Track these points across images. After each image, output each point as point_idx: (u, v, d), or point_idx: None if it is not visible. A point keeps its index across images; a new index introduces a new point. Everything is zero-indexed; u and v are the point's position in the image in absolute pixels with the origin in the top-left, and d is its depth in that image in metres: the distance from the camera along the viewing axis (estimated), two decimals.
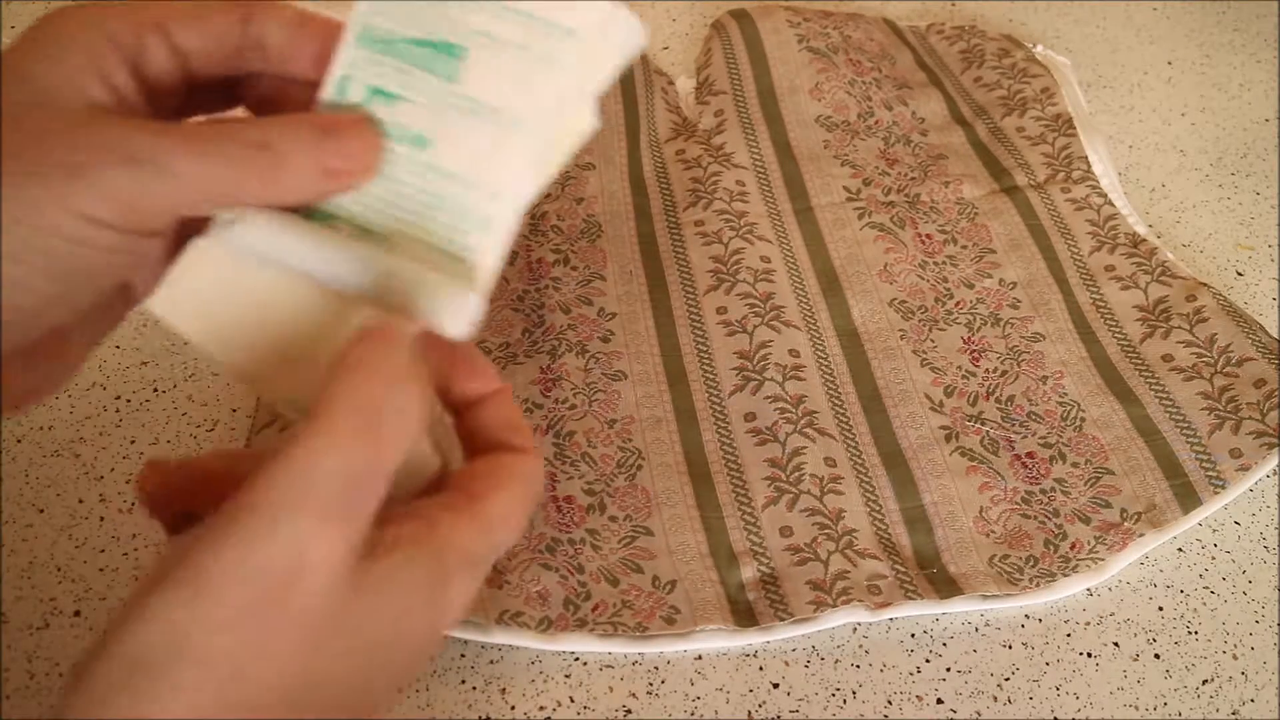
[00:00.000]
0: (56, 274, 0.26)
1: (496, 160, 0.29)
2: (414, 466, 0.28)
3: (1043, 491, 0.50)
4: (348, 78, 0.29)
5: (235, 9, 0.29)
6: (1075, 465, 0.51)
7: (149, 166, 0.25)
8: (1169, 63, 0.75)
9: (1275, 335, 0.56)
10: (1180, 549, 0.50)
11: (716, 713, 0.44)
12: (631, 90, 0.66)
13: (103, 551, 0.46)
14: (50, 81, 0.26)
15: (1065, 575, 0.48)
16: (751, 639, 0.45)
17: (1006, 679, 0.45)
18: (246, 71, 0.30)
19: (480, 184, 0.29)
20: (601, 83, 0.30)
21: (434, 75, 0.29)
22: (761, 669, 0.45)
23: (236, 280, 0.28)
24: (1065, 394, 0.54)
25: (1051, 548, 0.48)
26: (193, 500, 0.27)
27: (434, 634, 0.27)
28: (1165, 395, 0.53)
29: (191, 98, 0.30)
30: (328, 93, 0.29)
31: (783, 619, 0.45)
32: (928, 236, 0.61)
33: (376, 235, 0.29)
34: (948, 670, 0.45)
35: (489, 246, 0.29)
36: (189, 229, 0.29)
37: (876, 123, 0.66)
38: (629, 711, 0.43)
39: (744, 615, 0.46)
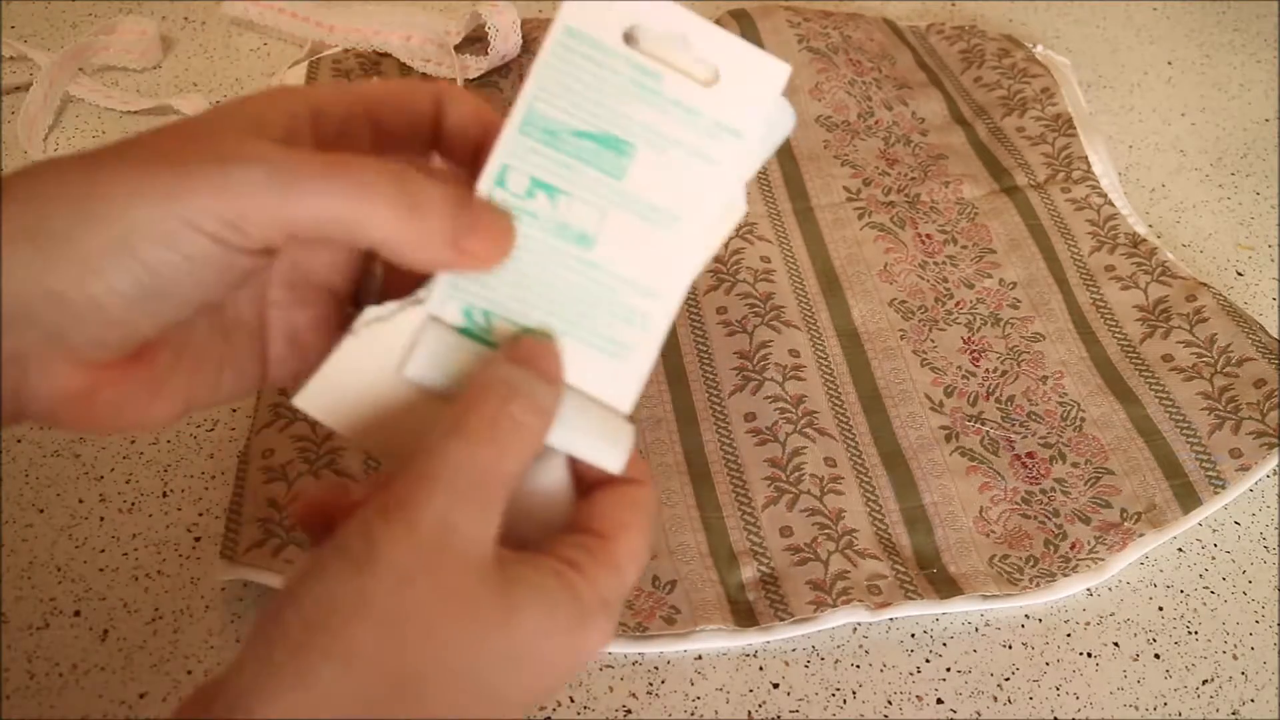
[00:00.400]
0: (143, 278, 0.25)
1: (657, 260, 0.29)
2: (555, 520, 0.28)
3: (1043, 491, 0.50)
4: (509, 167, 0.28)
5: (430, 93, 0.29)
6: (1075, 465, 0.51)
7: (267, 173, 0.24)
8: (1169, 63, 0.75)
9: (1275, 335, 0.56)
10: (1180, 549, 0.50)
11: (716, 713, 0.44)
12: None
13: (103, 551, 0.46)
14: (239, 112, 0.26)
15: (1065, 575, 0.48)
16: (751, 639, 0.45)
17: (1006, 679, 0.45)
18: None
19: (640, 283, 0.29)
20: (755, 170, 0.30)
21: (600, 172, 0.29)
22: (761, 669, 0.45)
23: (380, 381, 0.28)
24: (1065, 394, 0.54)
25: (1051, 548, 0.48)
26: (337, 517, 0.28)
27: (566, 669, 0.27)
28: (1165, 395, 0.53)
29: None
30: (486, 180, 0.28)
31: (783, 619, 0.45)
32: (928, 236, 0.61)
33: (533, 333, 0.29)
34: (948, 670, 0.45)
35: (646, 343, 0.29)
36: (299, 296, 0.29)
37: (876, 123, 0.66)
38: (629, 711, 0.43)
39: (744, 615, 0.46)
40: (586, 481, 0.29)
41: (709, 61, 0.29)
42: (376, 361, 0.28)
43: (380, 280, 0.31)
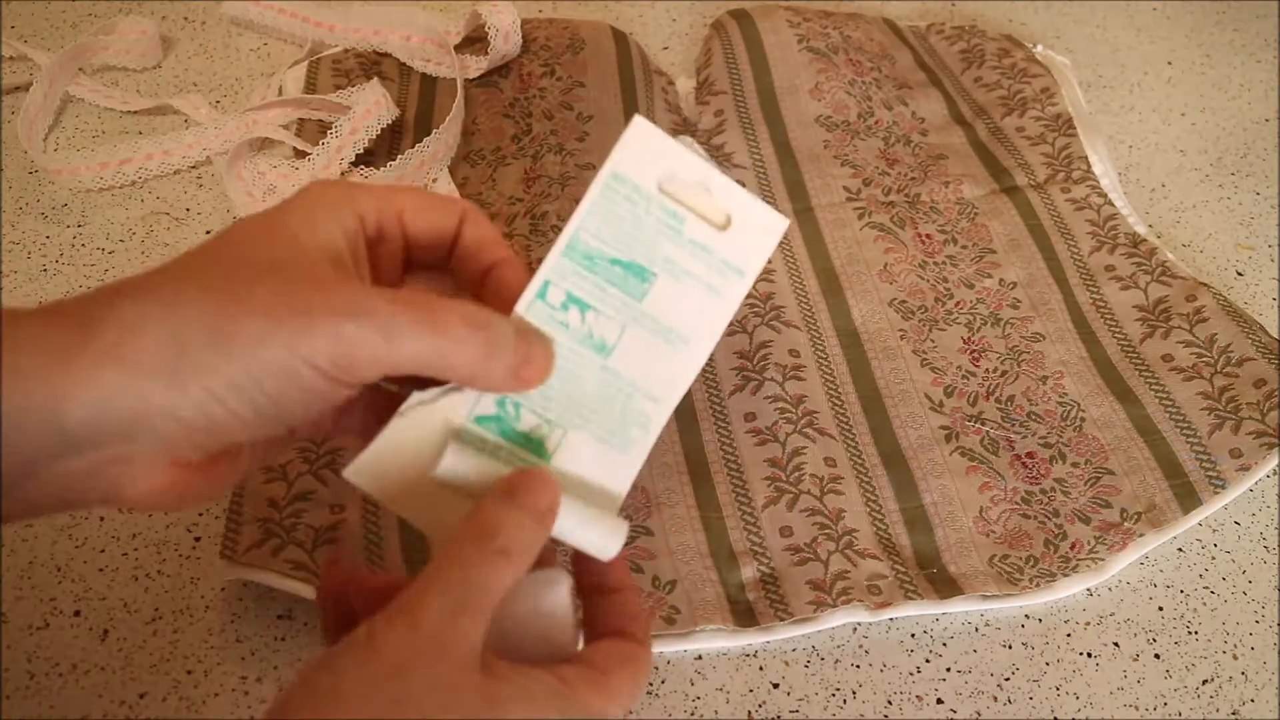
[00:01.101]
0: (261, 405, 0.29)
1: (662, 371, 0.34)
2: (557, 641, 0.32)
3: (1043, 491, 0.50)
4: (550, 282, 0.33)
5: (456, 211, 0.34)
6: (1075, 465, 0.51)
7: (374, 326, 0.29)
8: (1169, 63, 0.75)
9: (1275, 335, 0.56)
10: (1180, 549, 0.50)
11: (716, 713, 0.44)
12: (631, 90, 0.66)
13: (103, 551, 0.46)
14: (308, 241, 0.30)
15: (1065, 575, 0.48)
16: (751, 639, 0.45)
17: (1006, 679, 0.45)
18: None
19: (646, 389, 0.34)
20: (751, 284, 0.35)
21: (623, 293, 0.34)
22: (761, 669, 0.45)
23: (420, 460, 0.32)
24: (1065, 394, 0.54)
25: (1051, 548, 0.48)
26: (353, 601, 0.33)
27: None
28: (1165, 395, 0.53)
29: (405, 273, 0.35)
30: (530, 291, 0.33)
31: (783, 619, 0.45)
32: (928, 236, 0.61)
33: (546, 434, 0.34)
34: (948, 670, 0.45)
35: (645, 440, 0.34)
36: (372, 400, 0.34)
37: (876, 123, 0.66)
38: (630, 711, 0.43)
39: (744, 615, 0.46)
40: (596, 627, 0.34)
41: (724, 209, 0.34)
42: (419, 440, 0.32)
43: None
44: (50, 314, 0.28)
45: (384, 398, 0.34)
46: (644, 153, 0.33)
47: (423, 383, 0.33)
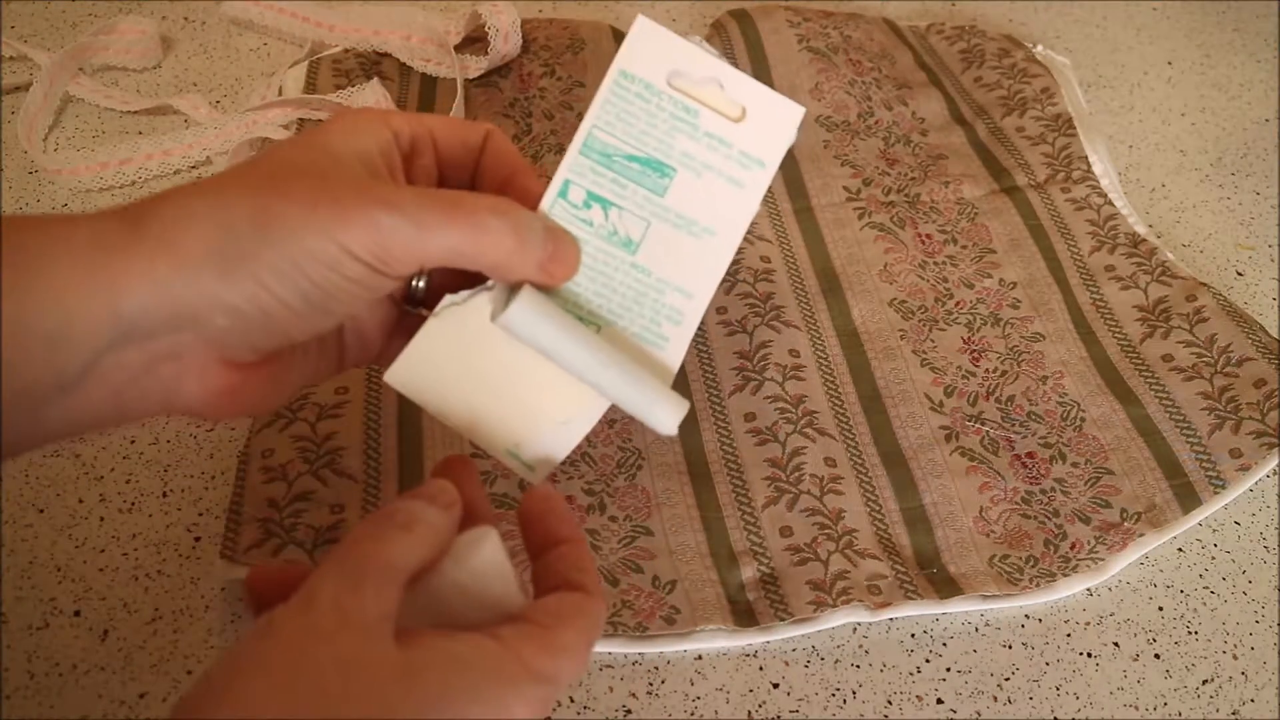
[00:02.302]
0: (308, 293, 0.30)
1: (691, 265, 0.35)
2: (498, 600, 0.31)
3: (1043, 491, 0.50)
4: (570, 181, 0.34)
5: (481, 129, 0.35)
6: (1075, 465, 0.51)
7: (406, 216, 0.30)
8: (1169, 63, 0.75)
9: (1275, 335, 0.56)
10: (1180, 549, 0.50)
11: (716, 713, 0.44)
12: None
13: (103, 551, 0.46)
14: (343, 150, 0.32)
15: (1065, 575, 0.48)
16: (751, 639, 0.45)
17: (1006, 679, 0.45)
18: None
19: (676, 284, 0.35)
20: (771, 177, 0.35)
21: (644, 189, 0.34)
22: (761, 669, 0.45)
23: (456, 356, 0.34)
24: (1065, 394, 0.54)
25: (1051, 548, 0.48)
26: (279, 594, 0.32)
27: None
28: (1165, 395, 0.53)
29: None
30: (551, 192, 0.34)
31: (783, 619, 0.45)
32: (928, 236, 0.61)
33: (589, 320, 0.34)
34: (948, 670, 0.45)
35: (680, 336, 0.35)
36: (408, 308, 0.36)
37: (876, 123, 0.66)
38: (629, 711, 0.43)
39: (744, 615, 0.46)
40: (543, 582, 0.33)
41: (738, 101, 0.34)
42: (454, 340, 0.34)
43: (425, 288, 0.36)
44: (101, 217, 0.29)
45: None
46: (651, 50, 0.34)
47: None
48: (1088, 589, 0.48)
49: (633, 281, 0.34)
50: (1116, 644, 0.47)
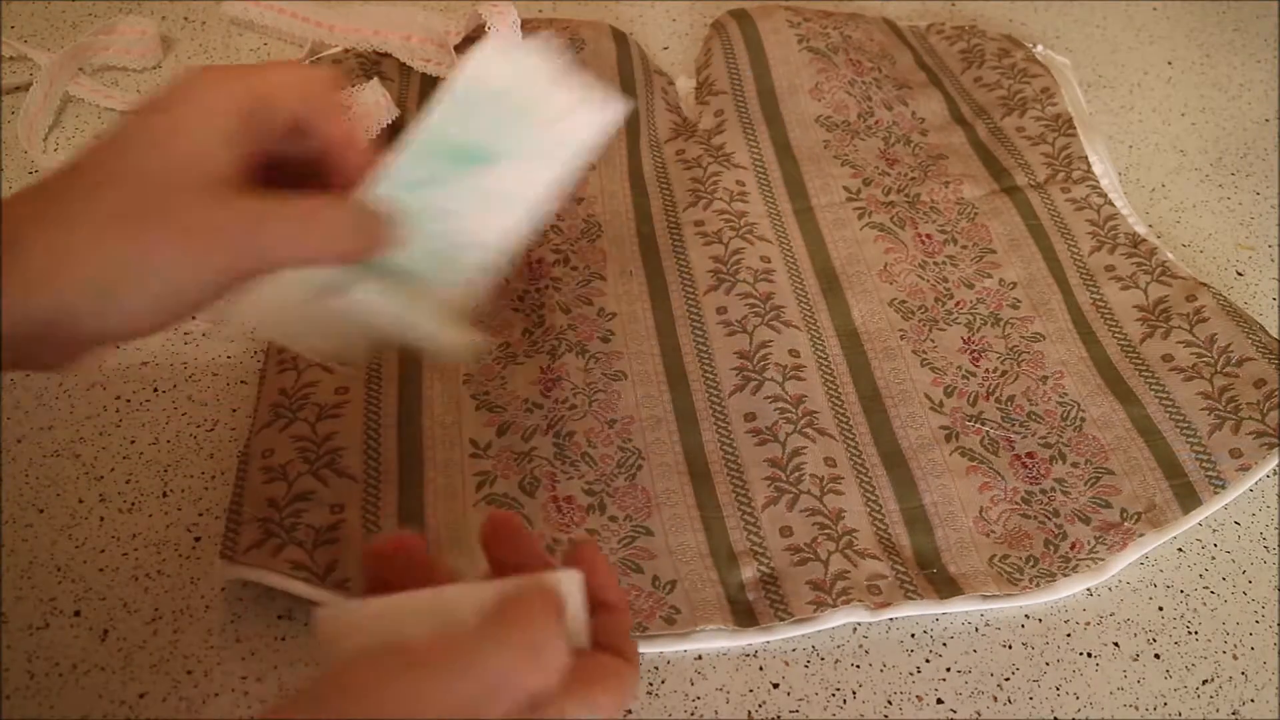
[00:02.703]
0: (157, 306, 0.32)
1: (502, 229, 0.38)
2: (573, 637, 0.34)
3: (1043, 491, 0.50)
4: (398, 166, 0.37)
5: (322, 80, 0.36)
6: (1075, 465, 0.51)
7: (249, 240, 0.33)
8: (1169, 63, 0.75)
9: (1275, 335, 0.56)
10: (1180, 549, 0.50)
11: (716, 713, 0.44)
12: (631, 90, 0.66)
13: (103, 551, 0.46)
14: (186, 149, 0.33)
15: (1065, 575, 0.48)
16: (751, 639, 0.45)
17: (1006, 679, 0.45)
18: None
19: (489, 245, 0.38)
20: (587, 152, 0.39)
21: (464, 171, 0.38)
22: (761, 669, 0.45)
23: (296, 291, 0.37)
24: (1065, 394, 0.54)
25: (1051, 548, 0.48)
26: (394, 575, 0.34)
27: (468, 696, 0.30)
28: (1165, 395, 0.53)
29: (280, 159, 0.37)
30: (380, 175, 0.37)
31: (783, 619, 0.45)
32: (928, 236, 0.61)
33: (410, 275, 0.38)
34: (948, 670, 0.45)
35: (489, 284, 0.39)
36: None
37: (876, 123, 0.66)
38: (629, 711, 0.43)
39: (744, 615, 0.46)
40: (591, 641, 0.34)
41: (565, 98, 0.38)
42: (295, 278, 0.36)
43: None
44: None
45: None
46: (490, 52, 0.38)
47: None
48: (1088, 589, 0.48)
49: (451, 244, 0.38)
50: (1116, 644, 0.47)
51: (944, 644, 0.46)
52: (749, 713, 0.44)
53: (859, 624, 0.46)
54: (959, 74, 0.71)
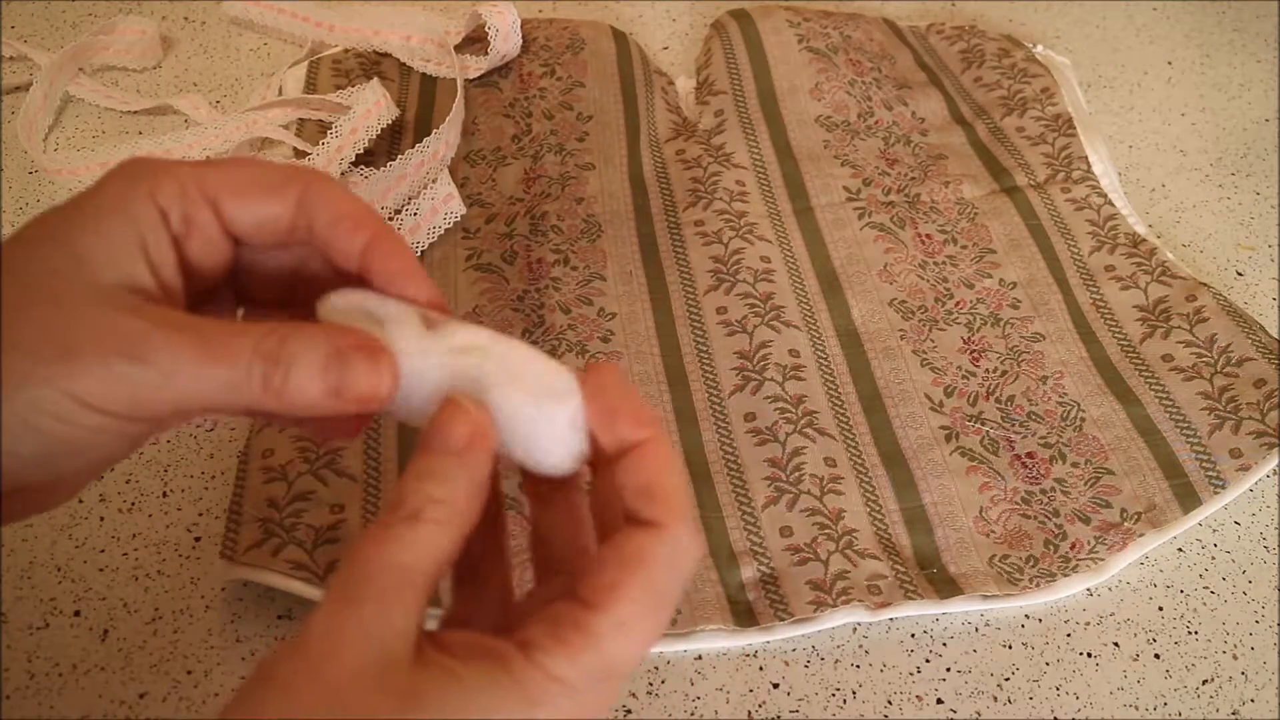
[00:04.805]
0: (43, 445, 0.26)
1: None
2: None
3: (1043, 491, 0.50)
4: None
5: (294, 185, 0.29)
6: (1075, 465, 0.51)
7: (150, 367, 0.26)
8: (1169, 63, 0.75)
9: (1275, 335, 0.56)
10: (1180, 549, 0.50)
11: (716, 713, 0.44)
12: (631, 90, 0.66)
13: (103, 551, 0.46)
14: (90, 253, 0.27)
15: (1065, 575, 0.48)
16: (751, 639, 0.45)
17: (1006, 679, 0.45)
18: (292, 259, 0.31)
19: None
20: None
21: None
22: (761, 669, 0.45)
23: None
24: (1065, 394, 0.54)
25: (1051, 548, 0.48)
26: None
27: None
28: (1165, 395, 0.53)
29: (237, 279, 0.31)
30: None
31: (783, 619, 0.45)
32: (928, 236, 0.61)
33: None
34: (948, 670, 0.45)
35: None
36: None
37: (876, 123, 0.66)
38: (629, 711, 0.43)
39: (744, 615, 0.46)
40: (603, 520, 0.29)
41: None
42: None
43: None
44: None
45: None
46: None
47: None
48: (1088, 589, 0.48)
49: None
50: (1116, 644, 0.47)
51: (944, 644, 0.46)
52: (749, 713, 0.44)
53: (859, 624, 0.46)
54: (959, 74, 0.71)
